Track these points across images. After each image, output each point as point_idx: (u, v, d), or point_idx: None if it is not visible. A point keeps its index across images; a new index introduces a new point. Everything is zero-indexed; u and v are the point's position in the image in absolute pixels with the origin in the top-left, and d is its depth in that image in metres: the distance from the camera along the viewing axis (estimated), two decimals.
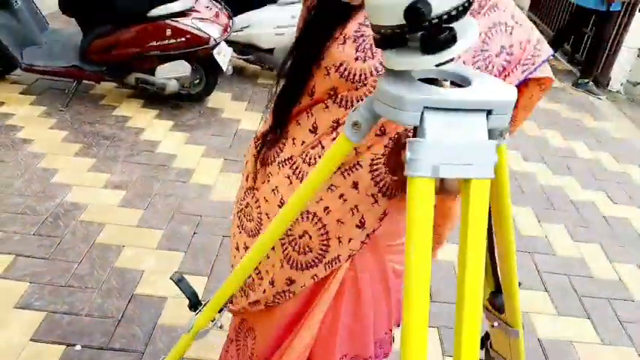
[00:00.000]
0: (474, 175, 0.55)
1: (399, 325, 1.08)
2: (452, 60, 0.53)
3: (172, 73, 3.17)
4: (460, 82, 0.60)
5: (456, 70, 0.60)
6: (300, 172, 0.87)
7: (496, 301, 1.00)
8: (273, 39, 3.60)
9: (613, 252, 2.62)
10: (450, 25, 0.50)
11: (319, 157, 0.84)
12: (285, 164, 0.90)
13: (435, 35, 0.50)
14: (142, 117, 3.25)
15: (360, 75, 0.77)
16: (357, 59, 0.77)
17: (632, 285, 2.41)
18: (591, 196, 3.09)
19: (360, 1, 0.75)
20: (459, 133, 0.54)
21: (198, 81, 3.40)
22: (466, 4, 0.50)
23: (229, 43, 3.61)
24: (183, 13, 2.94)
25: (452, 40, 0.51)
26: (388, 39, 0.53)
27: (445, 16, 0.49)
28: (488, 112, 0.55)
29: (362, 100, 0.77)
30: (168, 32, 2.94)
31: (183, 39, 2.97)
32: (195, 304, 1.04)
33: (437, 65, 0.52)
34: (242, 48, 3.76)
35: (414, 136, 0.55)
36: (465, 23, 0.52)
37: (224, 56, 3.28)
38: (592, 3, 4.34)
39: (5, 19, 3.08)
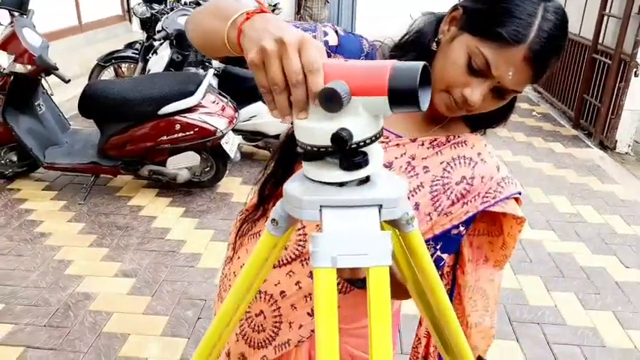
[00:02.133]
0: (370, 264, 0.62)
1: None
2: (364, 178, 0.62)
3: (183, 164, 3.36)
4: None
5: None
6: None
7: None
8: (278, 126, 3.80)
9: (627, 319, 2.55)
10: (364, 150, 0.61)
11: None
12: (253, 237, 1.00)
13: (352, 157, 0.60)
14: (155, 206, 3.41)
15: None
16: None
17: None
18: (602, 261, 3.04)
19: None
20: (354, 227, 0.62)
21: (208, 169, 3.59)
22: (378, 135, 0.61)
23: (238, 131, 3.83)
24: (191, 109, 3.17)
25: (365, 163, 0.61)
26: (311, 154, 0.63)
27: (361, 143, 0.60)
28: (380, 207, 0.63)
29: None
30: (178, 127, 3.15)
31: (191, 132, 3.18)
32: None
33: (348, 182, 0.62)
34: (250, 135, 3.98)
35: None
36: (373, 149, 0.62)
37: (232, 145, 3.48)
38: None
39: (31, 124, 3.37)
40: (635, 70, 4.52)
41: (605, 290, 2.77)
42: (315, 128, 0.60)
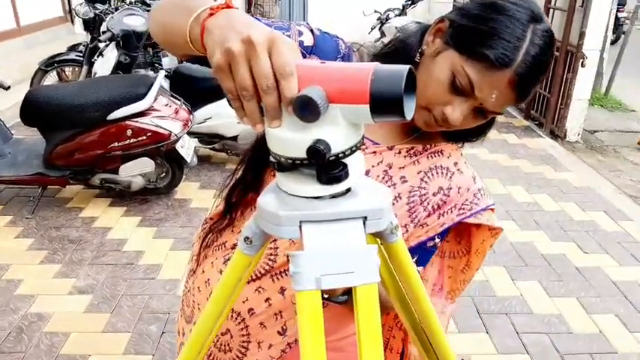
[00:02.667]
0: (358, 283, 0.56)
1: None
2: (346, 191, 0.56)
3: (136, 171, 3.20)
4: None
5: None
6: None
7: None
8: (235, 127, 3.70)
9: (590, 304, 2.61)
10: (344, 162, 0.55)
11: None
12: (219, 249, 0.94)
13: (330, 170, 0.54)
14: (109, 216, 3.25)
15: None
16: None
17: (613, 336, 2.39)
18: (561, 248, 3.11)
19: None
20: (338, 243, 0.56)
21: (164, 175, 3.45)
22: (358, 145, 0.55)
23: (194, 134, 3.71)
24: (142, 113, 3.03)
25: (345, 176, 0.55)
26: (285, 166, 0.56)
27: (340, 154, 0.54)
28: (365, 219, 0.57)
29: None
30: (129, 132, 3.01)
31: (144, 137, 3.04)
32: None
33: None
34: (207, 138, 3.86)
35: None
36: (353, 159, 0.56)
37: (187, 149, 3.36)
38: None
39: None
40: (581, 60, 4.67)
41: (566, 277, 2.83)
42: (288, 139, 0.54)
